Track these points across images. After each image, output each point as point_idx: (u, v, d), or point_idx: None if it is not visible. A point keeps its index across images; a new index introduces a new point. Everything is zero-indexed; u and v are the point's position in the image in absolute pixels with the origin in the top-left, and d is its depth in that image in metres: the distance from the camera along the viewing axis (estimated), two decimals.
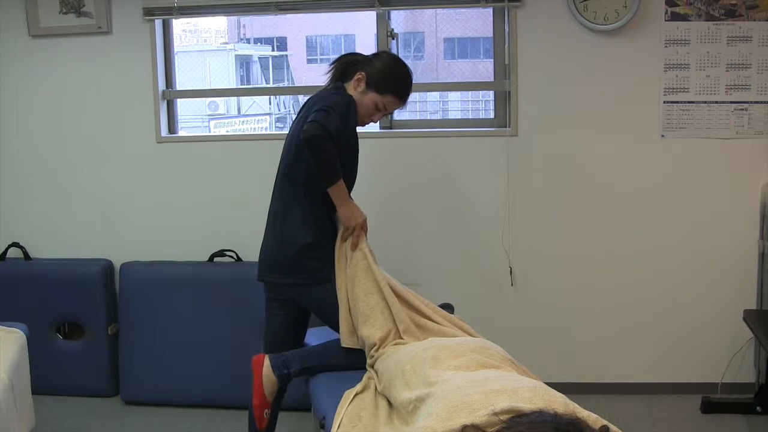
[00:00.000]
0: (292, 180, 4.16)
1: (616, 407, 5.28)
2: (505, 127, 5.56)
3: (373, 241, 4.16)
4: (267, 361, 4.05)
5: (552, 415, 2.32)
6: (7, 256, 6.08)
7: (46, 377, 5.45)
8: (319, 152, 3.88)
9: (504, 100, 5.62)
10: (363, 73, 4.21)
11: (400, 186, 5.50)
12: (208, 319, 5.63)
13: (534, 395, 2.68)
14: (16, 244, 6.07)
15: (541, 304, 5.65)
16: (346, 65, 4.32)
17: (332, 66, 4.38)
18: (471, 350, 3.33)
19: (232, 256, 5.83)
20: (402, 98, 4.29)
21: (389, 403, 3.41)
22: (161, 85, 5.91)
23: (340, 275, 4.04)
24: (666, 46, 5.37)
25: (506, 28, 5.50)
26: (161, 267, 5.85)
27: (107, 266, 5.95)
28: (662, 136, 5.45)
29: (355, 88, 4.21)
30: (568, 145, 5.51)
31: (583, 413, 2.54)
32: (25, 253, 6.07)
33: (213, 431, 5.33)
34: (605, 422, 2.50)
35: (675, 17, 5.34)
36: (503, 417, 2.54)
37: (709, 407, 5.34)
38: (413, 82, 4.32)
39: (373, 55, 4.36)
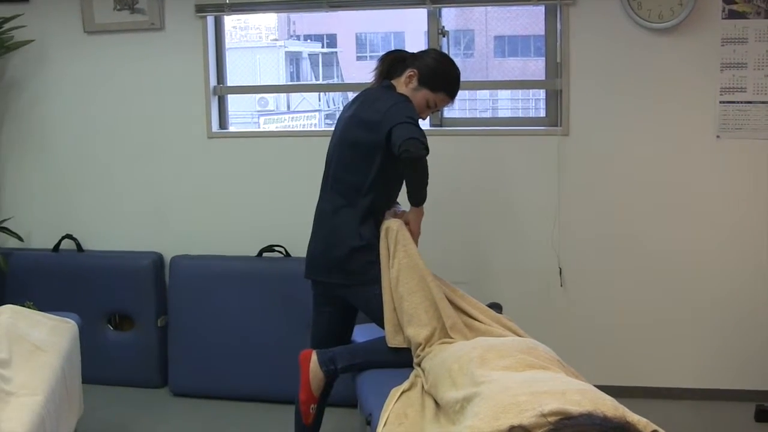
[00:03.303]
0: (344, 182, 4.16)
1: (665, 413, 5.14)
2: (557, 126, 5.53)
3: (421, 239, 4.16)
4: (314, 357, 4.06)
5: (601, 418, 2.30)
6: (61, 247, 6.14)
7: (96, 367, 5.46)
8: (425, 172, 3.96)
9: (555, 99, 5.59)
10: (415, 70, 4.20)
11: (448, 184, 5.48)
12: (256, 314, 5.65)
13: (583, 398, 2.66)
14: (69, 236, 6.12)
15: (590, 305, 5.60)
16: (393, 62, 4.32)
17: (379, 63, 4.37)
18: (519, 351, 3.32)
19: (281, 252, 5.84)
20: (452, 95, 4.30)
21: (436, 402, 3.40)
22: (212, 81, 5.94)
23: (385, 275, 4.03)
24: (723, 45, 5.29)
25: (558, 26, 5.46)
26: (210, 261, 5.88)
27: (157, 259, 6.00)
28: (717, 137, 5.37)
29: (406, 85, 4.21)
30: (620, 145, 5.46)
31: (633, 417, 2.52)
32: (78, 245, 6.12)
33: (259, 425, 5.34)
34: (655, 427, 2.49)
35: (732, 15, 5.25)
36: (551, 419, 2.52)
37: (763, 416, 5.20)
38: (463, 79, 4.31)
39: (421, 52, 4.34)
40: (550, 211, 5.53)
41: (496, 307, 4.26)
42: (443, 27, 5.62)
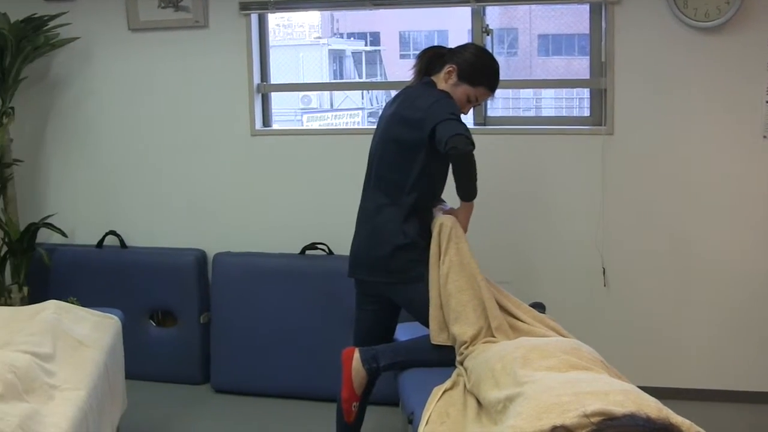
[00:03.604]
0: (387, 180, 4.17)
1: (710, 415, 5.09)
2: (601, 125, 5.50)
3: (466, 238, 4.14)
4: (357, 355, 4.06)
5: (644, 419, 2.29)
6: (104, 244, 6.18)
7: (139, 363, 5.51)
8: (473, 167, 3.96)
9: (600, 98, 5.56)
10: (454, 65, 4.19)
11: (491, 183, 5.43)
12: (298, 311, 5.66)
13: (626, 398, 2.65)
14: (112, 233, 6.16)
15: (634, 305, 5.57)
16: (431, 59, 4.32)
17: (417, 60, 4.37)
18: (562, 351, 3.31)
19: (323, 249, 5.85)
20: (493, 89, 4.29)
21: (478, 401, 3.39)
22: (256, 79, 5.95)
23: (434, 273, 4.02)
24: None
25: (603, 24, 5.44)
26: (253, 258, 5.89)
27: (200, 256, 6.02)
28: (765, 137, 5.32)
29: (445, 80, 4.20)
30: (665, 145, 5.42)
31: (677, 419, 2.51)
32: (122, 242, 6.16)
33: (300, 423, 5.36)
34: (699, 429, 2.48)
35: None
36: (594, 419, 2.51)
37: None
38: (506, 78, 4.31)
39: (459, 47, 4.32)
40: (593, 211, 5.50)
41: (540, 306, 4.26)
42: (487, 25, 5.61)
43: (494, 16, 5.85)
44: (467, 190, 4.04)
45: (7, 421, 3.11)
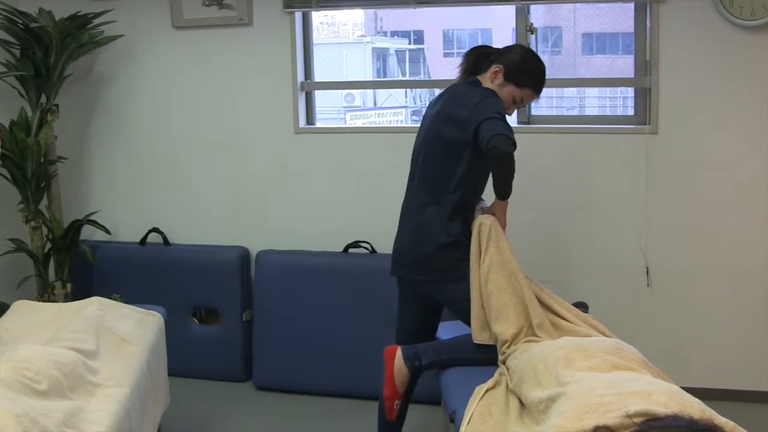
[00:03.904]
0: (431, 179, 4.16)
1: (755, 417, 5.05)
2: (645, 124, 5.46)
3: (506, 237, 4.13)
4: (399, 353, 4.06)
5: (687, 420, 2.28)
6: (148, 241, 6.21)
7: (182, 360, 5.53)
8: (512, 167, 3.93)
9: (644, 97, 5.52)
10: (500, 66, 4.18)
11: (535, 182, 5.44)
12: (340, 309, 5.66)
13: (669, 399, 2.64)
14: (156, 230, 6.19)
15: (678, 305, 5.52)
16: (477, 58, 4.31)
17: (464, 59, 4.37)
18: (605, 351, 3.29)
19: (366, 248, 5.85)
20: (538, 91, 4.28)
21: (520, 400, 3.39)
22: (300, 77, 5.96)
23: (475, 271, 4.01)
24: None
25: (648, 23, 5.40)
26: (296, 256, 5.90)
27: (243, 254, 6.04)
28: None
29: (491, 80, 4.19)
30: (710, 144, 5.37)
31: (720, 420, 2.50)
32: (165, 239, 6.18)
33: (342, 421, 5.35)
34: (743, 431, 2.45)
35: None
36: (637, 420, 2.51)
37: None
38: (550, 77, 4.29)
39: (506, 48, 4.32)
40: (637, 210, 5.46)
41: (582, 306, 4.23)
42: (531, 24, 5.59)
43: (538, 14, 5.83)
44: (503, 190, 4.02)
45: (51, 417, 3.13)
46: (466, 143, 3.99)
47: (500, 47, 4.32)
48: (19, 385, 3.26)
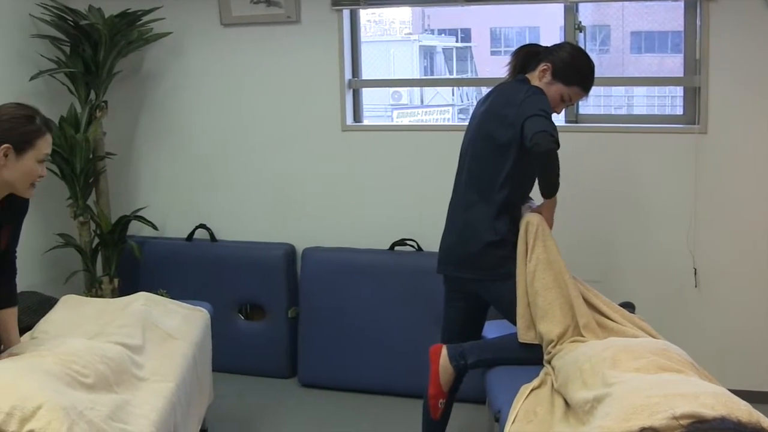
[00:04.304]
0: (478, 177, 4.15)
1: None
2: (694, 123, 5.42)
3: (553, 236, 4.11)
4: (444, 352, 4.06)
5: (735, 423, 2.26)
6: (194, 237, 6.24)
7: (227, 356, 5.57)
8: (555, 165, 3.91)
9: (693, 97, 5.48)
10: (549, 64, 4.17)
11: (582, 180, 5.42)
12: (386, 307, 5.66)
13: (716, 402, 2.62)
14: (202, 226, 6.22)
15: (726, 307, 5.47)
16: (526, 56, 4.30)
17: (513, 57, 4.35)
18: (651, 352, 3.27)
19: (412, 246, 5.84)
20: (587, 89, 4.25)
21: (566, 401, 3.37)
22: (348, 75, 5.96)
23: (521, 270, 4.00)
24: None
25: (698, 21, 5.36)
26: (342, 253, 5.91)
27: (290, 251, 6.05)
28: None
29: (540, 79, 4.18)
30: (760, 144, 5.31)
31: None
32: (212, 235, 6.22)
33: (386, 419, 5.36)
34: None
35: None
36: (683, 422, 2.49)
37: None
38: (598, 75, 4.26)
39: (555, 46, 4.31)
40: (685, 210, 5.42)
41: (629, 306, 4.21)
42: (580, 22, 5.56)
43: (587, 12, 5.80)
44: (548, 188, 4.01)
45: (97, 411, 3.15)
46: (513, 141, 3.98)
47: (549, 45, 4.30)
48: (66, 378, 3.28)
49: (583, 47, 5.05)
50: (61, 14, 5.64)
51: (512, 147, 3.99)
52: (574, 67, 4.17)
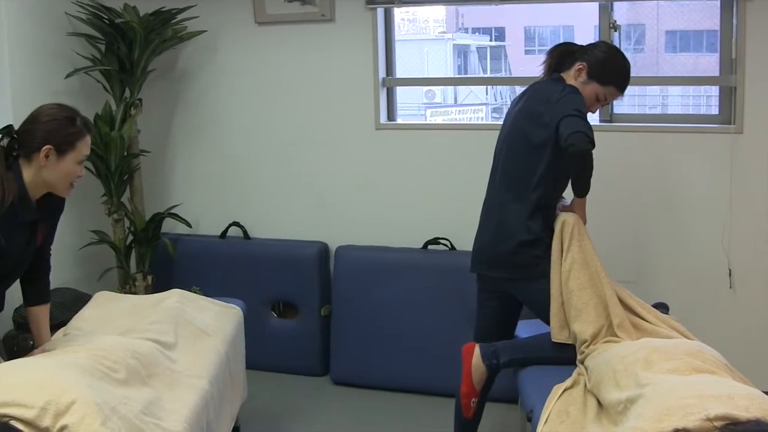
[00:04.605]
0: (512, 176, 4.14)
1: None
2: (730, 123, 5.39)
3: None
4: (477, 350, 4.06)
5: None
6: (228, 234, 6.26)
7: (260, 353, 5.60)
8: (590, 165, 3.92)
9: (729, 96, 5.44)
10: (584, 63, 4.15)
11: (616, 180, 5.40)
12: (419, 306, 5.66)
13: (751, 404, 2.61)
14: (236, 224, 6.23)
15: (761, 308, 5.43)
16: (561, 55, 4.27)
17: (548, 56, 4.33)
18: (685, 353, 3.26)
19: (446, 245, 5.84)
20: (622, 89, 4.22)
21: (598, 401, 3.36)
22: (381, 73, 5.96)
23: (555, 270, 3.99)
24: None
25: (734, 20, 5.33)
26: (375, 252, 5.91)
27: (323, 249, 6.06)
28: None
29: (575, 78, 4.16)
30: None
31: None
32: (245, 233, 6.23)
33: (418, 417, 5.35)
34: None
35: None
36: (717, 423, 2.48)
37: None
38: (632, 75, 4.24)
39: (590, 45, 4.28)
40: (720, 211, 5.39)
41: (663, 307, 4.20)
42: (615, 21, 5.54)
43: (622, 11, 5.79)
44: (581, 188, 4.02)
45: (129, 406, 3.17)
46: (548, 141, 3.97)
47: (585, 45, 4.29)
48: (99, 373, 3.31)
49: (617, 46, 5.04)
50: (96, 12, 5.67)
51: (547, 147, 3.98)
52: (609, 67, 4.15)
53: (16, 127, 3.53)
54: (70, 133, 3.49)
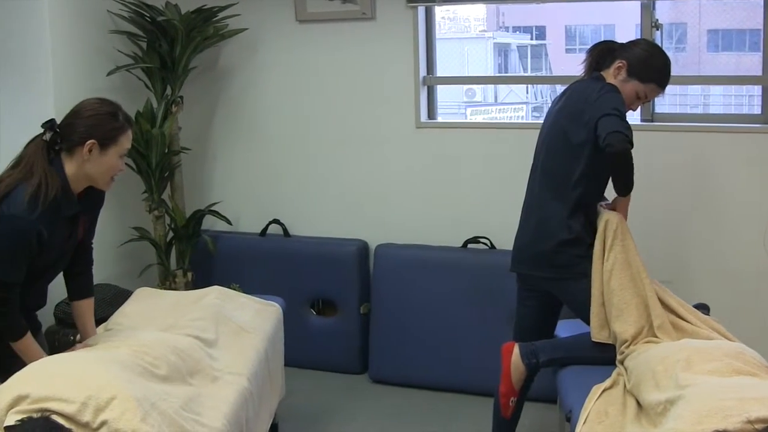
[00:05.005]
0: (553, 175, 4.13)
1: None
2: None
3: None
4: (516, 350, 4.05)
5: None
6: (268, 232, 6.28)
7: (299, 351, 5.61)
8: (629, 165, 3.90)
9: None
10: (624, 61, 4.12)
11: (657, 179, 5.37)
12: (458, 305, 5.65)
13: None
14: (276, 221, 6.25)
15: None
16: (602, 53, 4.25)
17: (588, 55, 4.31)
18: (726, 355, 3.24)
19: (485, 243, 5.83)
20: (663, 86, 4.19)
21: (638, 402, 3.35)
22: (422, 72, 5.96)
23: (597, 269, 3.98)
24: None
25: None
26: (415, 250, 5.90)
27: (362, 247, 6.06)
28: None
29: (615, 76, 4.13)
30: None
31: None
32: (285, 230, 6.25)
33: (456, 416, 5.35)
34: None
35: None
36: (758, 426, 2.47)
37: None
38: (674, 74, 4.22)
39: (630, 42, 4.24)
40: (762, 211, 5.35)
41: (703, 308, 4.17)
42: (657, 20, 5.51)
43: (664, 10, 5.76)
44: (622, 187, 4.00)
45: (169, 402, 3.19)
46: (588, 141, 3.95)
47: (625, 42, 4.26)
48: (139, 369, 3.33)
49: (658, 44, 5.01)
50: (138, 10, 5.70)
51: (586, 146, 3.97)
52: (649, 64, 4.12)
53: (58, 122, 3.56)
54: (113, 128, 3.52)
